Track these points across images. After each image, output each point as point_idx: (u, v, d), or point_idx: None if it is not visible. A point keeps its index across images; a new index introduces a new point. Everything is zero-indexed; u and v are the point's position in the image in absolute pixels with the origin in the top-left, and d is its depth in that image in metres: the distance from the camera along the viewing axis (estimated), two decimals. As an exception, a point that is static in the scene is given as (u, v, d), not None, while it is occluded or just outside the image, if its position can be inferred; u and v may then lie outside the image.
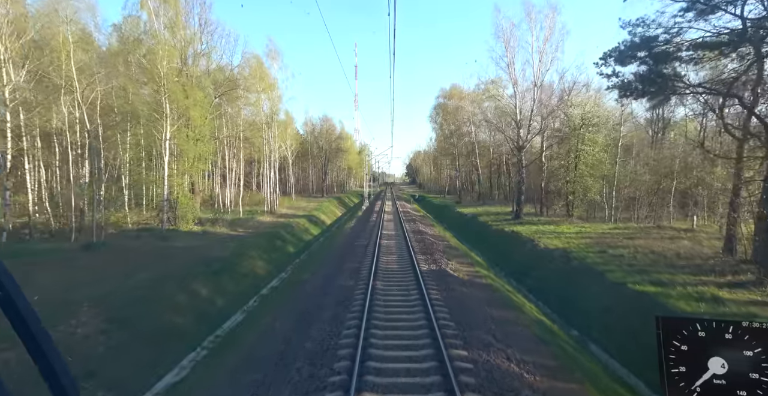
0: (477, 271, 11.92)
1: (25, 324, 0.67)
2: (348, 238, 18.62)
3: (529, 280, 15.40)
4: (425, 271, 10.67)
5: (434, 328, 6.46)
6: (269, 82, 30.32)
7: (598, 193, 24.74)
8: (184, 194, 20.51)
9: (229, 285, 13.00)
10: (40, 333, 0.68)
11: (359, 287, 9.14)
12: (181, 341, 8.73)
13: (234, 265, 14.60)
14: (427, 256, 13.14)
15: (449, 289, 9.04)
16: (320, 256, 16.55)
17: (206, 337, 9.45)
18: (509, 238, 21.41)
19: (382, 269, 11.05)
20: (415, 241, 16.16)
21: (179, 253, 14.60)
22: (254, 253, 16.83)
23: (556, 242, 18.34)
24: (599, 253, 15.14)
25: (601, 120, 24.32)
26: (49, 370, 0.69)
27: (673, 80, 10.52)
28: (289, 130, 49.07)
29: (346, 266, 11.68)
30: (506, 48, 26.77)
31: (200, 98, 17.87)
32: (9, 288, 0.66)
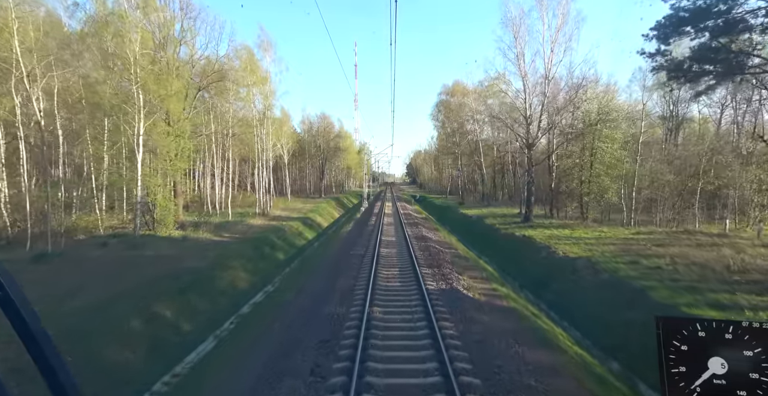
0: (494, 289, 9.97)
1: (25, 324, 0.68)
2: (344, 245, 16.68)
3: (549, 295, 13.45)
4: (433, 292, 8.73)
5: (454, 391, 4.52)
6: (261, 76, 28.37)
7: (616, 194, 22.77)
8: (164, 196, 18.56)
9: (201, 304, 11.05)
10: (40, 333, 0.69)
11: (351, 317, 7.21)
12: (120, 387, 6.78)
13: (211, 279, 12.66)
14: (433, 269, 11.20)
15: (466, 320, 7.10)
16: (311, 267, 14.60)
17: (159, 378, 7.51)
18: (521, 243, 19.46)
19: (380, 289, 9.11)
20: (418, 250, 14.23)
21: (147, 264, 12.66)
22: (237, 263, 14.89)
23: (576, 250, 16.40)
24: (631, 263, 13.19)
25: (620, 114, 22.33)
26: (49, 370, 0.70)
27: (743, 56, 8.51)
28: (285, 128, 47.18)
29: (339, 284, 9.74)
30: (515, 38, 24.84)
31: (178, 89, 15.94)
32: (9, 288, 0.67)
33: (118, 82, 15.11)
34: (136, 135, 15.47)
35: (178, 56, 18.14)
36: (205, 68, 22.09)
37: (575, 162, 24.53)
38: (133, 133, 15.56)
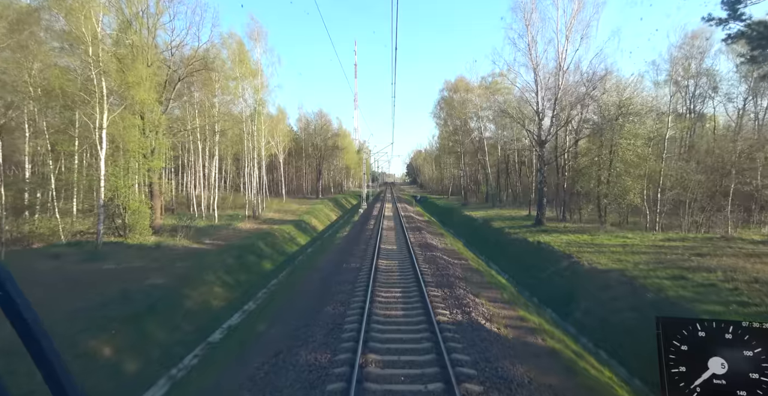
0: (522, 319, 7.89)
1: (26, 324, 0.68)
2: (337, 255, 14.60)
3: (576, 313, 11.42)
4: (448, 328, 6.66)
5: None
6: (251, 68, 26.28)
7: (639, 195, 20.69)
8: (135, 198, 16.48)
9: (157, 333, 8.98)
10: (40, 333, 0.69)
11: (337, 375, 5.13)
12: None
13: (176, 299, 10.58)
14: (443, 289, 9.13)
15: (497, 378, 5.02)
16: (296, 286, 12.49)
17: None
18: (537, 251, 17.39)
19: (379, 323, 7.04)
20: (423, 262, 12.15)
21: (101, 282, 10.58)
22: (212, 277, 12.82)
23: (603, 260, 14.34)
24: (675, 279, 11.12)
25: (644, 108, 20.24)
26: (50, 371, 0.69)
27: None
28: (281, 126, 45.16)
29: (325, 313, 7.66)
30: (526, 25, 22.74)
31: (147, 75, 13.86)
32: (9, 288, 0.66)
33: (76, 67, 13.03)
34: (98, 128, 13.38)
35: (151, 40, 16.03)
36: (187, 56, 20.02)
37: (593, 160, 22.43)
38: (95, 126, 13.47)
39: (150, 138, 16.27)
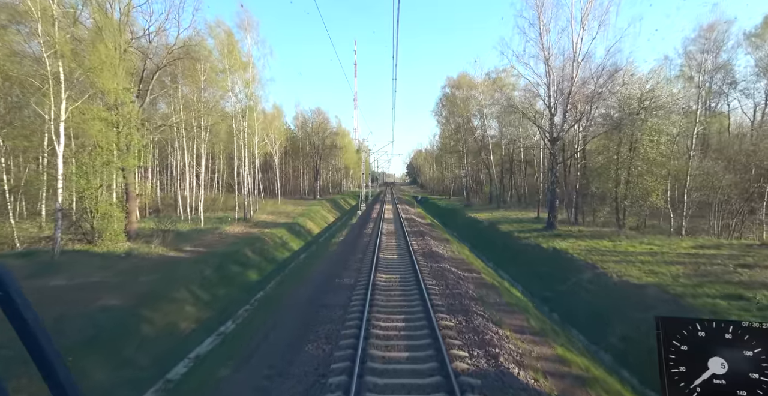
0: (562, 360, 6.08)
1: (25, 324, 0.67)
2: (330, 267, 12.77)
3: (611, 338, 9.64)
4: (467, 379, 4.85)
5: None
6: (241, 60, 24.45)
7: (662, 197, 18.90)
8: (104, 201, 14.67)
9: (94, 373, 7.14)
10: (39, 333, 0.68)
11: None
12: None
13: (130, 324, 8.76)
14: (457, 317, 7.32)
15: None
16: (278, 310, 10.65)
17: None
18: (554, 260, 15.60)
19: (375, 373, 5.22)
20: (429, 277, 10.33)
21: (41, 304, 8.77)
22: (183, 294, 11.00)
23: (633, 271, 12.56)
24: (733, 299, 9.31)
25: (669, 101, 18.41)
26: (49, 370, 0.69)
27: None
28: (277, 124, 43.37)
29: (305, 355, 5.85)
30: (539, 11, 20.93)
31: (113, 60, 12.02)
32: (9, 288, 0.66)
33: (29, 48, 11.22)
34: (53, 120, 11.56)
35: (125, 21, 14.19)
36: (165, 44, 18.21)
37: (611, 158, 20.62)
38: (50, 117, 11.65)
39: (122, 133, 14.44)
